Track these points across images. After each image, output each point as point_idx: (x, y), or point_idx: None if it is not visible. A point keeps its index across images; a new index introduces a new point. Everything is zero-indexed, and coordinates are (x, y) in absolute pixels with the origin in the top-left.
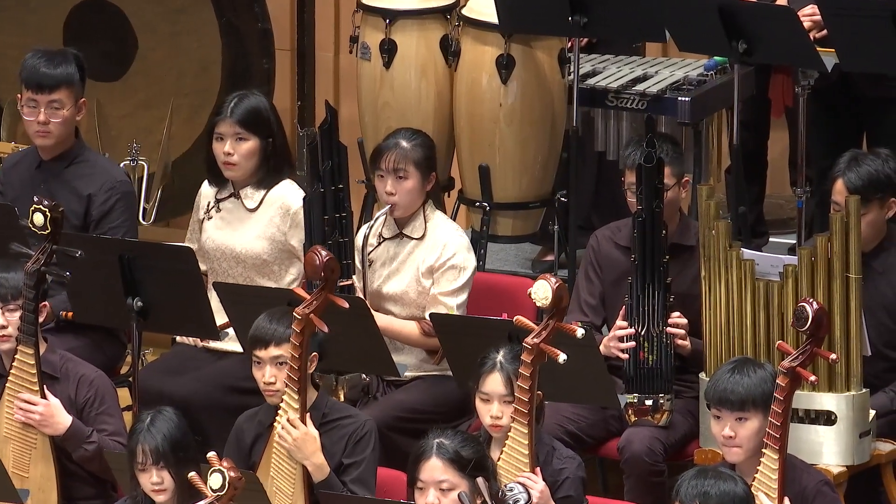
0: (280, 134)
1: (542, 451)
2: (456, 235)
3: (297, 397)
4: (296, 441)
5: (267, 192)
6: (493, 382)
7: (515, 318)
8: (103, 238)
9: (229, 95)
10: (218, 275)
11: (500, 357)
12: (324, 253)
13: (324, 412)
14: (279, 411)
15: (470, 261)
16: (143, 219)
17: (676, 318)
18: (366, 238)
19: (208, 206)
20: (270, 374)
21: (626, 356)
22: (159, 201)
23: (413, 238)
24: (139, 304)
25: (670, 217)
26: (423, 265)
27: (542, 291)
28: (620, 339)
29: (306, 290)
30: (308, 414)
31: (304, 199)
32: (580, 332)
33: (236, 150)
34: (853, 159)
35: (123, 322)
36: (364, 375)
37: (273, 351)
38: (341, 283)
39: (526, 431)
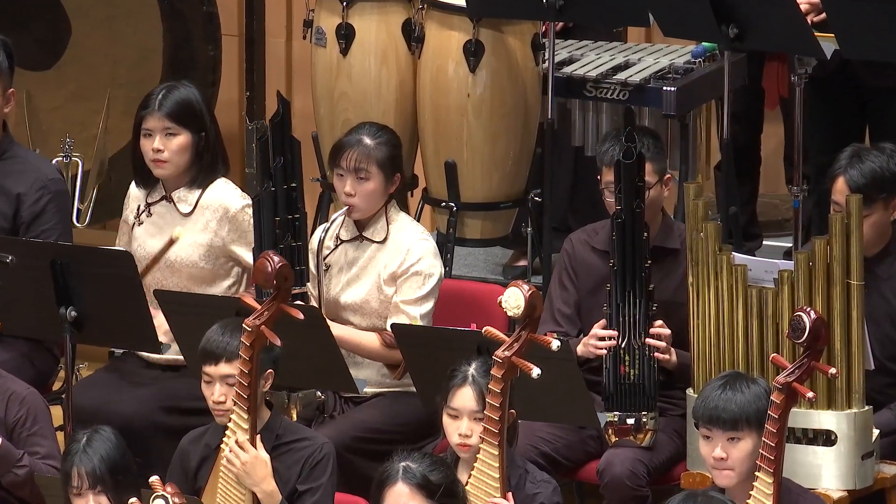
0: (213, 128)
1: (514, 473)
2: (421, 239)
3: (246, 417)
4: (244, 465)
5: (202, 193)
6: (464, 397)
7: (485, 328)
8: (34, 242)
9: (156, 87)
10: (150, 286)
11: (471, 370)
12: (276, 259)
13: (277, 434)
14: (227, 432)
15: (436, 267)
16: (77, 221)
17: (658, 327)
18: (321, 241)
19: (138, 209)
20: (220, 392)
21: (606, 352)
22: (95, 201)
23: (374, 241)
24: (73, 313)
25: (652, 218)
26: (385, 271)
27: (514, 299)
28: (601, 340)
29: (256, 298)
30: (259, 436)
31: (253, 198)
32: (555, 343)
33: (166, 146)
34: (855, 155)
35: (56, 333)
36: (319, 392)
37: (224, 368)
38: (294, 291)
39: (496, 453)
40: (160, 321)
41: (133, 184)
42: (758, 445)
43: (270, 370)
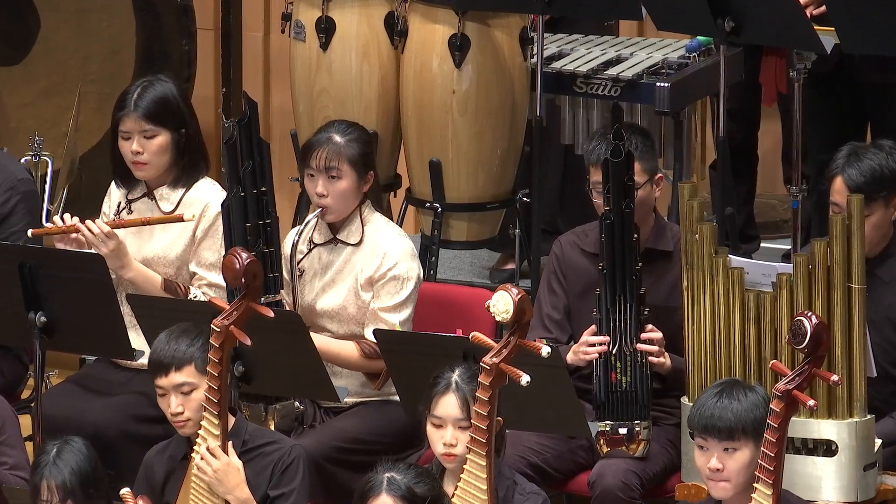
0: (193, 123)
1: (501, 485)
2: (397, 241)
3: (217, 422)
4: (217, 473)
5: (185, 192)
6: (448, 405)
7: (472, 334)
8: (1, 244)
9: (131, 85)
10: (127, 287)
11: (455, 377)
12: (244, 256)
13: (244, 439)
14: (197, 440)
15: (413, 270)
16: (47, 221)
17: (650, 332)
18: (295, 245)
19: (118, 207)
20: (176, 403)
21: (597, 356)
22: (65, 202)
23: (349, 244)
24: (42, 319)
25: (643, 219)
26: (362, 275)
27: (503, 304)
28: (591, 346)
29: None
30: (230, 442)
31: (222, 204)
32: (546, 349)
33: (146, 147)
34: (853, 153)
35: (24, 340)
36: (297, 403)
37: (175, 377)
38: (268, 299)
39: (484, 463)
40: None
41: (113, 183)
42: (755, 456)
43: None
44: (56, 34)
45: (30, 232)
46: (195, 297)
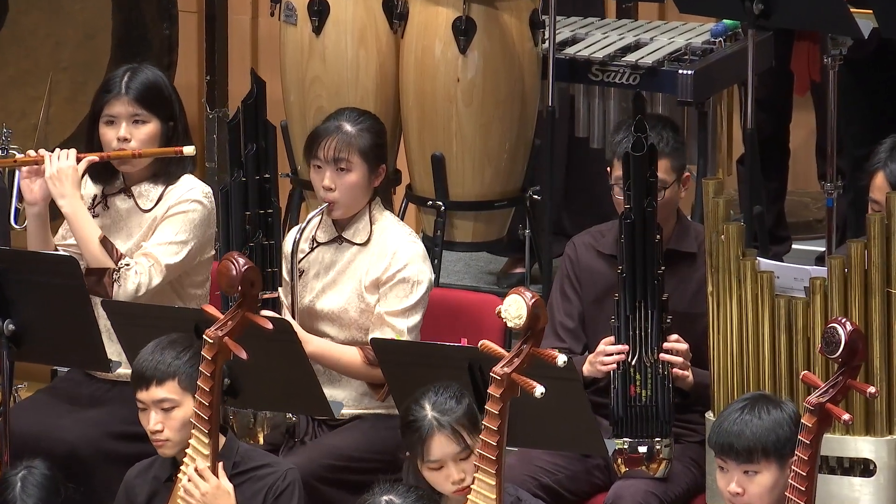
0: (182, 115)
1: (504, 502)
2: (408, 242)
3: (207, 441)
4: (205, 497)
5: (165, 188)
6: (441, 446)
7: (481, 342)
8: None
9: (118, 69)
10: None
11: (429, 414)
12: (241, 261)
13: (234, 461)
14: (185, 460)
15: (425, 273)
16: (16, 222)
17: (674, 342)
18: (296, 243)
19: (94, 201)
20: (156, 420)
21: (615, 367)
22: None
23: (355, 243)
24: (11, 327)
25: (666, 218)
26: (367, 277)
27: (515, 309)
28: (608, 356)
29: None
30: (221, 463)
31: (221, 189)
32: (562, 358)
33: (134, 134)
34: None
35: None
36: (290, 413)
37: (156, 392)
38: (264, 296)
39: (493, 483)
40: None
41: (87, 178)
42: (780, 479)
43: None
44: (24, 18)
45: None
46: (127, 265)
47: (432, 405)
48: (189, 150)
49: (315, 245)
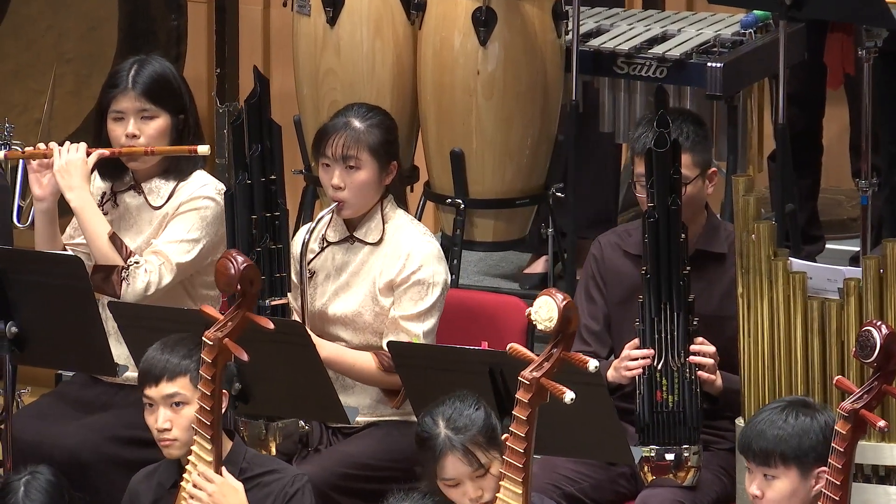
0: (193, 108)
1: None
2: (423, 241)
3: (209, 447)
4: (213, 497)
5: (177, 185)
6: (454, 466)
7: (509, 345)
8: None
9: (124, 62)
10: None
11: (442, 433)
12: (240, 259)
13: (241, 467)
14: (187, 466)
15: (440, 274)
16: (19, 220)
17: (700, 344)
18: (305, 243)
19: (102, 197)
20: (164, 418)
21: (640, 371)
22: None
23: (367, 243)
24: (13, 329)
25: (693, 217)
26: (381, 279)
27: (546, 311)
28: (633, 361)
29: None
30: (223, 468)
31: (225, 193)
32: (593, 363)
33: (143, 130)
34: None
35: None
36: (302, 422)
37: (166, 388)
38: (273, 302)
39: (520, 491)
40: None
41: (96, 175)
42: (799, 488)
43: (224, 391)
44: (26, 9)
45: (1, 153)
46: (136, 262)
47: (446, 422)
48: (203, 149)
49: (325, 245)
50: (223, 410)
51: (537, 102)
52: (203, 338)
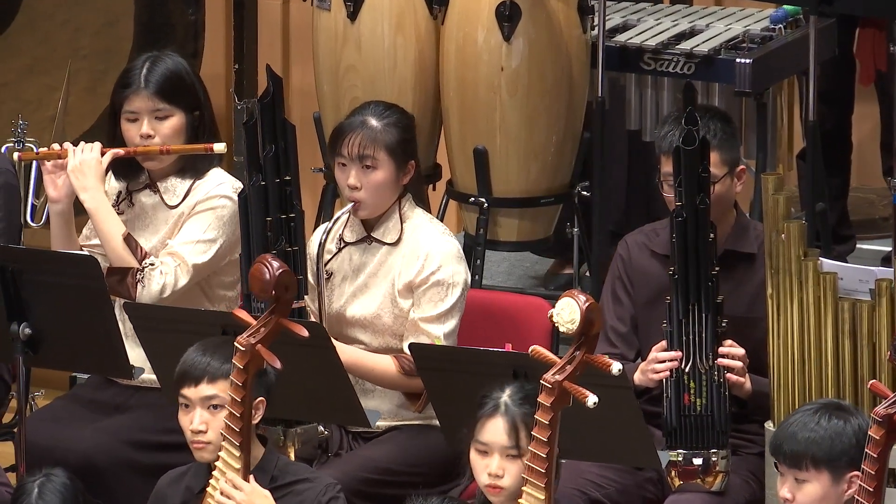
0: (208, 104)
1: None
2: (442, 241)
3: (238, 454)
4: None
5: (193, 183)
6: (494, 430)
7: (532, 347)
8: None
9: (136, 60)
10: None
11: (505, 397)
12: (275, 264)
13: (273, 475)
14: (214, 473)
15: (460, 274)
16: (32, 219)
17: (729, 346)
18: (322, 244)
19: (118, 197)
20: (201, 419)
21: (667, 374)
22: None
23: (385, 243)
24: (27, 331)
25: (722, 216)
26: (400, 280)
27: (569, 312)
28: (660, 363)
29: (250, 312)
30: (252, 476)
31: (239, 195)
32: (616, 367)
33: (158, 130)
34: None
35: (6, 355)
36: (322, 427)
37: (205, 389)
38: (292, 306)
39: (542, 497)
40: None
41: (111, 175)
42: (830, 493)
43: (262, 398)
44: (41, 2)
45: (15, 155)
46: (151, 264)
47: (510, 392)
48: (220, 147)
49: (342, 245)
50: (258, 419)
51: (562, 99)
52: (235, 343)
